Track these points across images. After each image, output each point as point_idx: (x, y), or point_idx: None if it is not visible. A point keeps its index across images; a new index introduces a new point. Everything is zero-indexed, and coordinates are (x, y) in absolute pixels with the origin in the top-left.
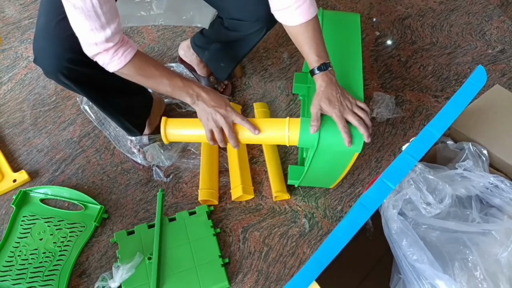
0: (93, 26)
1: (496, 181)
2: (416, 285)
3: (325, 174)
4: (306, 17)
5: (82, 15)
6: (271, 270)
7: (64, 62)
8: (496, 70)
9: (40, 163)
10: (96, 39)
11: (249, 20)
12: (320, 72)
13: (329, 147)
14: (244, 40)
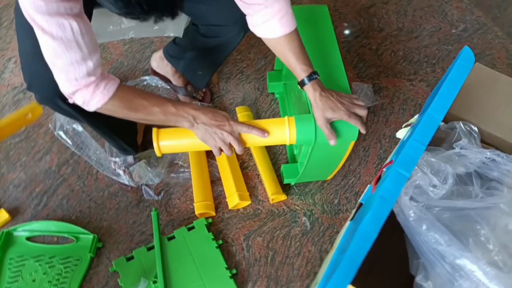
0: (74, 59)
1: (493, 155)
2: (440, 267)
3: (323, 167)
4: (290, 28)
5: (62, 46)
6: (280, 273)
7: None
8: (462, 48)
9: (19, 199)
10: (77, 73)
11: (227, 25)
12: (310, 82)
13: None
14: (222, 45)
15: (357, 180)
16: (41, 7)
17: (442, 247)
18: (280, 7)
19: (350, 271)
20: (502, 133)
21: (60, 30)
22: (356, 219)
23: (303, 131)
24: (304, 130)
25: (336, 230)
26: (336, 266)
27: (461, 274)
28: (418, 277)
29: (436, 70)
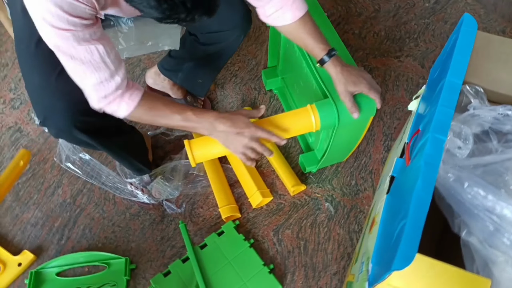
0: (103, 77)
1: (505, 110)
2: (485, 220)
3: (344, 147)
4: (303, 10)
5: (91, 68)
6: (315, 260)
7: (77, 115)
8: (439, 20)
9: (40, 237)
10: (106, 90)
11: (227, 30)
12: (330, 59)
13: (349, 119)
14: (222, 50)
15: (368, 159)
16: (68, 38)
17: (487, 200)
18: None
19: (415, 237)
20: (506, 89)
21: (88, 54)
22: (393, 191)
23: (327, 116)
24: (327, 114)
25: (360, 210)
26: (399, 235)
27: (511, 223)
28: (463, 234)
29: (419, 44)
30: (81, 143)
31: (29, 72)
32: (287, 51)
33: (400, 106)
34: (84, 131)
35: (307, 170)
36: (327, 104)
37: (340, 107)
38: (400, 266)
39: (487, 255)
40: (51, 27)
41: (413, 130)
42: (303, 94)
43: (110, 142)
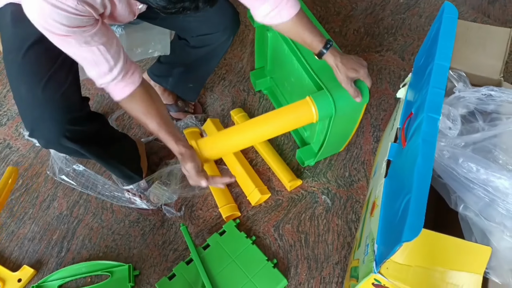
0: (102, 72)
1: (487, 91)
2: (480, 193)
3: (340, 137)
4: (297, 7)
5: (92, 64)
6: (317, 252)
7: (65, 124)
8: (414, 15)
9: (39, 251)
10: (103, 80)
11: (217, 32)
12: (327, 50)
13: (344, 108)
14: (212, 52)
15: (359, 151)
16: (69, 42)
17: (481, 173)
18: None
19: (421, 208)
20: (486, 72)
21: (90, 53)
22: (391, 174)
23: (324, 106)
24: (324, 105)
25: (355, 200)
26: (405, 209)
27: (504, 193)
28: (460, 208)
29: (398, 38)
30: (71, 152)
31: (16, 83)
32: (275, 51)
33: (385, 98)
34: (73, 140)
35: (305, 163)
36: (323, 95)
37: (335, 97)
38: (409, 237)
39: (484, 227)
40: (52, 34)
41: (405, 115)
42: (295, 90)
43: (100, 151)
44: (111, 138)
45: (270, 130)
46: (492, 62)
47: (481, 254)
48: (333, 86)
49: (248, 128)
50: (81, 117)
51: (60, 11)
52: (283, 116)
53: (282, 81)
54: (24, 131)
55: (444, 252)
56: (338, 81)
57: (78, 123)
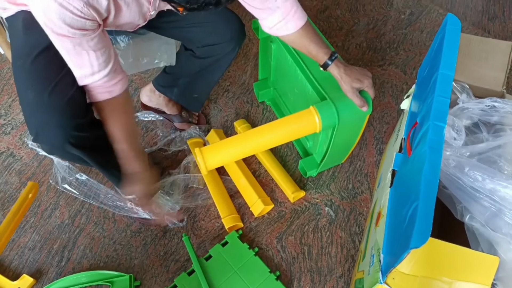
0: (83, 74)
1: (491, 102)
2: (486, 202)
3: (342, 148)
4: (303, 19)
5: (78, 65)
6: (320, 265)
7: (70, 130)
8: (415, 30)
9: (39, 260)
10: (82, 82)
11: (223, 42)
12: (332, 62)
13: (348, 119)
14: (218, 63)
15: (363, 163)
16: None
17: (487, 182)
18: (292, 4)
19: (429, 214)
20: (489, 84)
21: (78, 56)
22: (396, 183)
23: (327, 116)
24: (328, 115)
25: (359, 212)
26: (413, 216)
27: (510, 203)
28: (466, 219)
29: (400, 52)
30: (74, 159)
31: (23, 88)
32: (279, 62)
33: (387, 111)
34: (77, 146)
35: (308, 174)
36: (327, 104)
37: (339, 107)
38: (418, 243)
39: (490, 237)
40: (51, 31)
41: (409, 125)
42: (298, 101)
43: (102, 158)
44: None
45: (273, 139)
46: (494, 74)
47: (489, 265)
48: (337, 96)
49: (252, 136)
50: (85, 124)
51: (65, 11)
52: (287, 125)
53: (285, 92)
54: (28, 140)
55: (451, 262)
56: (341, 92)
57: (83, 130)
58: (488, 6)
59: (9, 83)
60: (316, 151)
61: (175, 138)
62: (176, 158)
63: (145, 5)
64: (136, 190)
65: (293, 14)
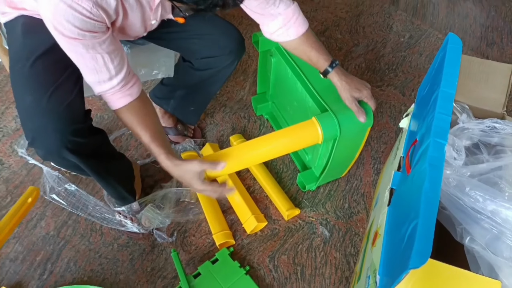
0: (101, 79)
1: (491, 123)
2: (487, 224)
3: (342, 161)
4: (305, 26)
5: (94, 71)
6: (313, 286)
7: (68, 135)
8: (414, 53)
9: (20, 272)
10: (100, 89)
11: (222, 55)
12: (333, 69)
13: (349, 130)
14: (216, 76)
15: (359, 182)
16: (76, 45)
17: (489, 203)
18: (293, 11)
19: (429, 233)
20: (489, 105)
21: (93, 61)
22: (394, 202)
23: (328, 127)
24: (329, 126)
25: (355, 233)
26: (412, 235)
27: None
28: (466, 241)
29: (398, 74)
30: (69, 166)
31: (21, 93)
32: (278, 76)
33: (385, 131)
34: (74, 152)
35: (306, 188)
36: (328, 116)
37: (340, 118)
38: (417, 263)
39: (491, 261)
40: (61, 35)
41: (409, 143)
42: (297, 114)
43: (99, 166)
44: (110, 155)
45: (275, 149)
46: (495, 96)
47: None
48: (338, 108)
49: (253, 146)
50: (83, 129)
51: (75, 13)
52: (289, 135)
53: (284, 105)
54: (18, 148)
55: (451, 286)
56: (342, 104)
57: (80, 135)
58: (487, 32)
59: (4, 91)
60: (315, 165)
61: None
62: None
63: (147, 11)
64: (186, 181)
65: (295, 21)
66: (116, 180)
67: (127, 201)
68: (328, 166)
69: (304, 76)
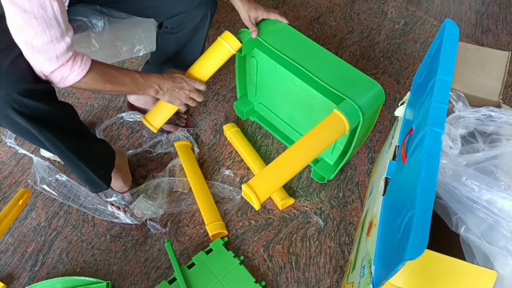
0: (54, 36)
1: (487, 111)
2: (482, 214)
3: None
4: None
5: (43, 25)
6: (308, 275)
7: (13, 94)
8: (409, 40)
9: (10, 264)
10: (57, 50)
11: (190, 9)
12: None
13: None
14: (194, 38)
15: (354, 171)
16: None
17: (485, 192)
18: None
19: (425, 224)
20: (485, 93)
21: (42, 9)
22: (389, 192)
23: (352, 115)
24: (352, 113)
25: (349, 222)
26: (408, 226)
27: (510, 215)
28: (462, 231)
29: (393, 62)
30: (23, 132)
31: None
32: (264, 74)
33: (380, 120)
34: (22, 114)
35: (325, 179)
36: (348, 104)
37: (359, 102)
38: (413, 255)
39: (487, 250)
40: None
41: (404, 132)
42: (298, 109)
43: (58, 139)
44: (76, 132)
45: (311, 152)
46: (491, 83)
47: (486, 279)
48: (352, 92)
49: (291, 156)
50: (35, 91)
51: None
52: (318, 136)
53: (277, 103)
54: (6, 138)
55: (447, 276)
56: (352, 86)
57: (31, 96)
58: (482, 19)
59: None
60: (330, 154)
61: (161, 140)
62: (162, 161)
63: None
64: (180, 84)
65: None
66: (83, 161)
67: (98, 187)
68: (351, 151)
69: (303, 69)
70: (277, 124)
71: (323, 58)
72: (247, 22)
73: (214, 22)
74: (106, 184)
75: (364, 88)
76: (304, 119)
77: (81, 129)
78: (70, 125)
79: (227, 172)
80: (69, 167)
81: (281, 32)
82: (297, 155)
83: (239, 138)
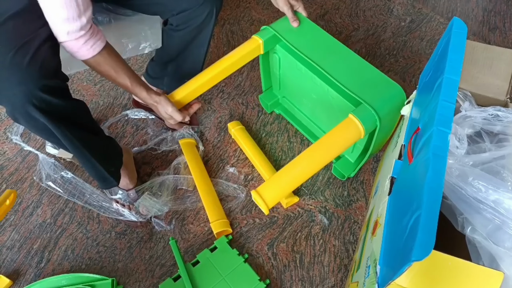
0: (70, 15)
1: (494, 111)
2: (489, 214)
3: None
4: None
5: (63, 3)
6: (312, 274)
7: (34, 90)
8: (415, 37)
9: (17, 260)
10: (70, 28)
11: (196, 6)
12: None
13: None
14: (199, 35)
15: (358, 170)
16: None
17: (492, 193)
18: None
19: (432, 224)
20: (492, 92)
21: None
22: (395, 191)
23: (368, 120)
24: (368, 118)
25: (354, 220)
26: (414, 226)
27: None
28: (468, 231)
29: (399, 60)
30: (40, 129)
31: None
32: (288, 71)
33: None
34: (41, 110)
35: (346, 176)
36: (364, 109)
37: (376, 107)
38: (420, 256)
39: (493, 251)
40: None
41: (410, 131)
42: (318, 106)
43: (72, 134)
44: (89, 128)
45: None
46: (498, 82)
47: (493, 280)
48: (369, 96)
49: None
50: (54, 88)
51: None
52: (332, 142)
53: (299, 99)
54: (12, 135)
55: (453, 277)
56: (370, 89)
57: (50, 93)
58: (489, 17)
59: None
60: (351, 152)
61: (166, 137)
62: (167, 158)
63: None
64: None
65: None
66: (94, 156)
67: (108, 183)
68: (369, 152)
69: (322, 69)
70: (301, 118)
71: (343, 56)
72: (286, 10)
73: (219, 19)
74: (116, 181)
75: (383, 90)
76: (326, 116)
77: (94, 125)
78: (85, 121)
79: (232, 170)
80: (81, 163)
81: (301, 29)
82: (310, 160)
83: (243, 135)
